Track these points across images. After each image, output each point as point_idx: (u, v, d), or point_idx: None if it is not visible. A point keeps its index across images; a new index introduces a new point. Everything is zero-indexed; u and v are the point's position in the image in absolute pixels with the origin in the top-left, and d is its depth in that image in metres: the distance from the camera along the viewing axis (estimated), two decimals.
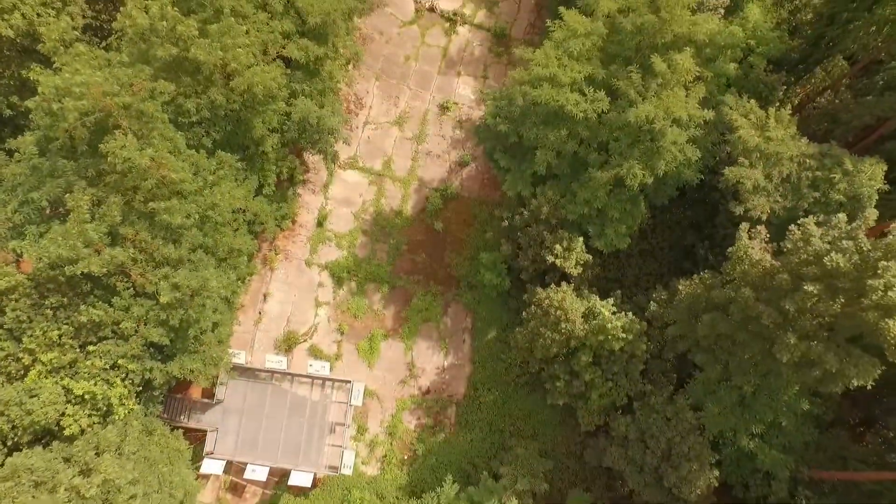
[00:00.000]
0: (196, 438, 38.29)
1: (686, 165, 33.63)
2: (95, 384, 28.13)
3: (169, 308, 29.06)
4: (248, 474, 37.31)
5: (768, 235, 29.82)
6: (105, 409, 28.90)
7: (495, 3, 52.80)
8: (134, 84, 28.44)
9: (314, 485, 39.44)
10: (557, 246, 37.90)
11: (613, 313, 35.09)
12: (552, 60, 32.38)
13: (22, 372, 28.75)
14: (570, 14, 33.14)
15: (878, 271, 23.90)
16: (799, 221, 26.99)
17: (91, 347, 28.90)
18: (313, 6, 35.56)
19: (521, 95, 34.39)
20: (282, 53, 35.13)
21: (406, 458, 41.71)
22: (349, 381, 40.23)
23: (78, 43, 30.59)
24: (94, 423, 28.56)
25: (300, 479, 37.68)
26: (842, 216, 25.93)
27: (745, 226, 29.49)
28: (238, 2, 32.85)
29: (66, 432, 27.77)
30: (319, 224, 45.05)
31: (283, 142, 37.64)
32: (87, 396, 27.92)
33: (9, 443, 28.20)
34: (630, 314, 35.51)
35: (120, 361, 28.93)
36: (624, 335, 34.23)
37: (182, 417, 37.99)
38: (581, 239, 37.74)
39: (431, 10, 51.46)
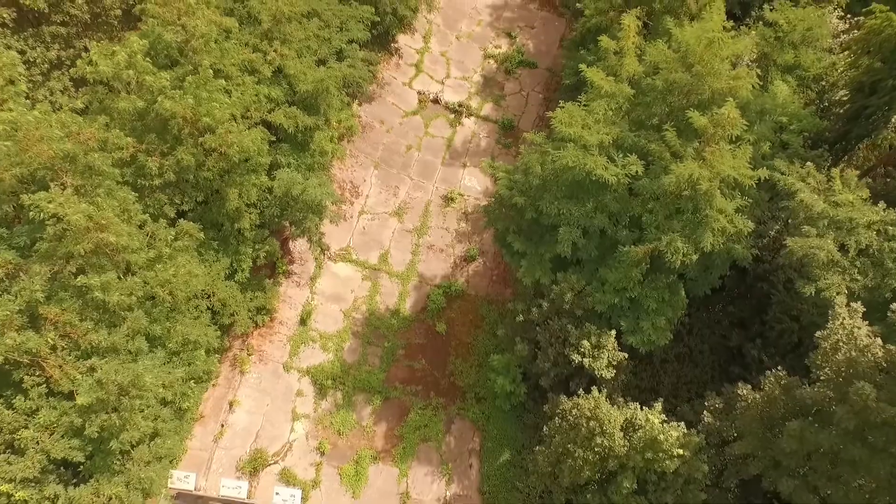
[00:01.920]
0: None
1: (736, 240, 28.35)
2: None
3: (87, 412, 22.09)
4: None
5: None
6: None
7: (502, 97, 50.84)
8: (82, 132, 23.90)
9: None
10: (585, 342, 31.56)
11: (663, 422, 27.90)
12: (576, 119, 28.37)
13: None
14: (592, 72, 29.66)
15: None
16: None
17: None
18: (305, 74, 32.57)
19: (538, 164, 30.06)
20: (267, 119, 31.38)
21: None
22: None
23: (21, 80, 26.51)
24: None
25: None
26: None
27: (842, 299, 23.29)
28: (221, 61, 29.57)
29: None
30: (303, 322, 38.98)
31: (263, 221, 32.82)
32: None
33: None
34: (682, 425, 28.33)
35: (4, 487, 21.29)
36: (680, 451, 26.79)
37: None
38: (613, 333, 31.53)
39: (436, 101, 49.28)
